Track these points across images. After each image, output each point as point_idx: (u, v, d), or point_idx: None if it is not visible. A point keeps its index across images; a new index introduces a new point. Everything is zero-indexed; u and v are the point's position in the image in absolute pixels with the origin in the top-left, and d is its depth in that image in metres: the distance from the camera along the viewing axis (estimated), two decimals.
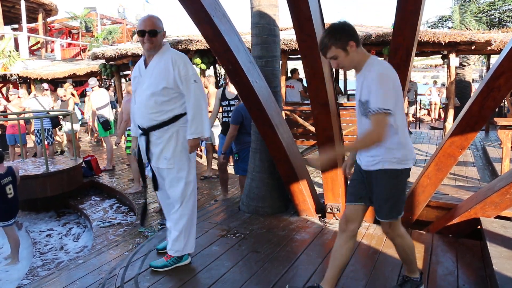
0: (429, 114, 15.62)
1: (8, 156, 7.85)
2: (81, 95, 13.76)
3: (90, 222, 5.41)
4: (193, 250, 2.96)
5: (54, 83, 13.74)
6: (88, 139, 11.32)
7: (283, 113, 6.62)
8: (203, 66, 8.92)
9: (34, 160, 7.07)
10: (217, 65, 11.63)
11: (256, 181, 4.03)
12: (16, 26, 20.42)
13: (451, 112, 8.70)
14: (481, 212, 3.11)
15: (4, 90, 15.64)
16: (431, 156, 3.34)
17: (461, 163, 6.99)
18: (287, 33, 8.65)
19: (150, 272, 2.84)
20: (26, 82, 15.05)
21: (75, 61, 16.62)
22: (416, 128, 12.40)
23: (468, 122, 2.98)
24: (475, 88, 4.66)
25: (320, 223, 3.73)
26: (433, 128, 12.43)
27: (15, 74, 14.38)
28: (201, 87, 2.73)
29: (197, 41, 8.62)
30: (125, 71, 12.58)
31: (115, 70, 11.45)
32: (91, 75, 14.08)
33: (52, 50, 19.45)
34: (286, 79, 9.31)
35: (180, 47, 8.48)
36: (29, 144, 9.36)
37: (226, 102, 5.22)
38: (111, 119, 7.89)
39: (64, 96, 8.67)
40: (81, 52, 21.09)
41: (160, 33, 2.68)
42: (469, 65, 13.68)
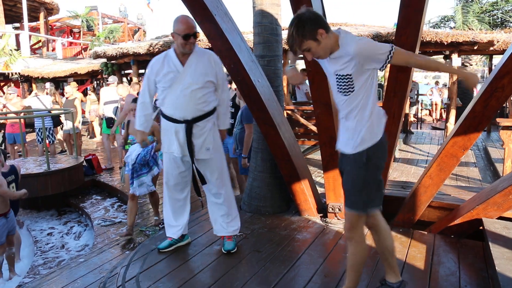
0: (431, 114, 15.60)
1: (9, 156, 7.84)
2: (82, 94, 13.75)
3: (91, 221, 5.40)
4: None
5: (56, 82, 13.74)
6: (86, 137, 11.33)
7: (285, 113, 6.60)
8: None
9: (36, 159, 7.07)
10: None
11: (258, 181, 4.02)
12: (18, 25, 20.46)
13: (453, 113, 8.69)
14: (483, 213, 3.10)
15: (6, 89, 15.66)
16: (433, 156, 3.32)
17: (463, 164, 6.97)
18: None
19: (151, 271, 2.84)
20: (28, 81, 15.07)
21: (77, 60, 16.61)
22: (418, 128, 12.39)
23: (471, 122, 2.96)
24: (477, 89, 4.63)
25: (322, 223, 3.72)
26: (435, 129, 12.42)
27: (17, 73, 14.39)
28: None
29: (199, 40, 8.62)
30: (126, 70, 12.59)
31: (117, 69, 11.47)
32: (92, 74, 14.12)
33: (54, 49, 19.48)
34: None
35: None
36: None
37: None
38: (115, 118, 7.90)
39: (70, 95, 8.68)
40: (83, 51, 21.12)
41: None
42: (471, 66, 13.67)
